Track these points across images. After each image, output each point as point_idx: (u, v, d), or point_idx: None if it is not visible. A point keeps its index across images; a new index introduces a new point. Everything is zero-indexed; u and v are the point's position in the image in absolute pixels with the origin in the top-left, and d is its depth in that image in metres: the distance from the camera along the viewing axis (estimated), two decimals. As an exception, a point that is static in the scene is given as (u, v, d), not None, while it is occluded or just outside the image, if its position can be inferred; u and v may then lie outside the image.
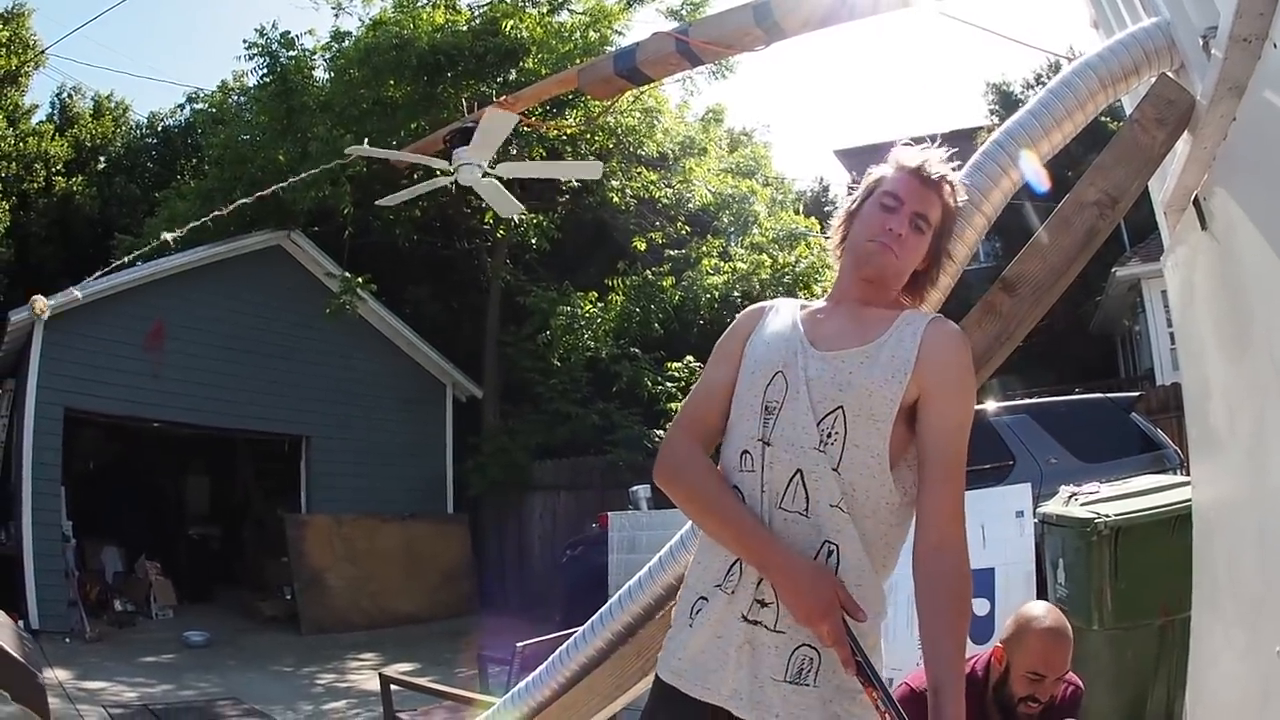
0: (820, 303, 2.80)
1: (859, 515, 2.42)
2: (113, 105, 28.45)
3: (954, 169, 2.78)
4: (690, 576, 2.67)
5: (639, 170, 18.77)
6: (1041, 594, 7.06)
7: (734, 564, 2.49)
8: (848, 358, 2.51)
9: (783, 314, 2.74)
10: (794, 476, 2.44)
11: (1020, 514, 8.30)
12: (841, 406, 2.44)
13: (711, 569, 2.55)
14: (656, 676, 2.67)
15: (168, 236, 8.83)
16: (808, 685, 2.39)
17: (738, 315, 2.90)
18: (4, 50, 22.18)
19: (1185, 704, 4.34)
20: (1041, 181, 3.13)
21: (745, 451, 2.54)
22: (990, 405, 10.62)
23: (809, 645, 2.40)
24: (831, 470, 2.41)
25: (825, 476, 2.41)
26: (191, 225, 10.58)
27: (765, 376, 2.56)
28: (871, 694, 2.30)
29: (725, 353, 2.77)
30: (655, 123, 18.87)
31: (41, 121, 26.04)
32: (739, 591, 2.47)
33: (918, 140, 2.75)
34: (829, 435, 2.43)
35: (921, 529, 2.46)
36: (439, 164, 9.25)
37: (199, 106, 26.00)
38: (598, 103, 16.70)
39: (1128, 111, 3.34)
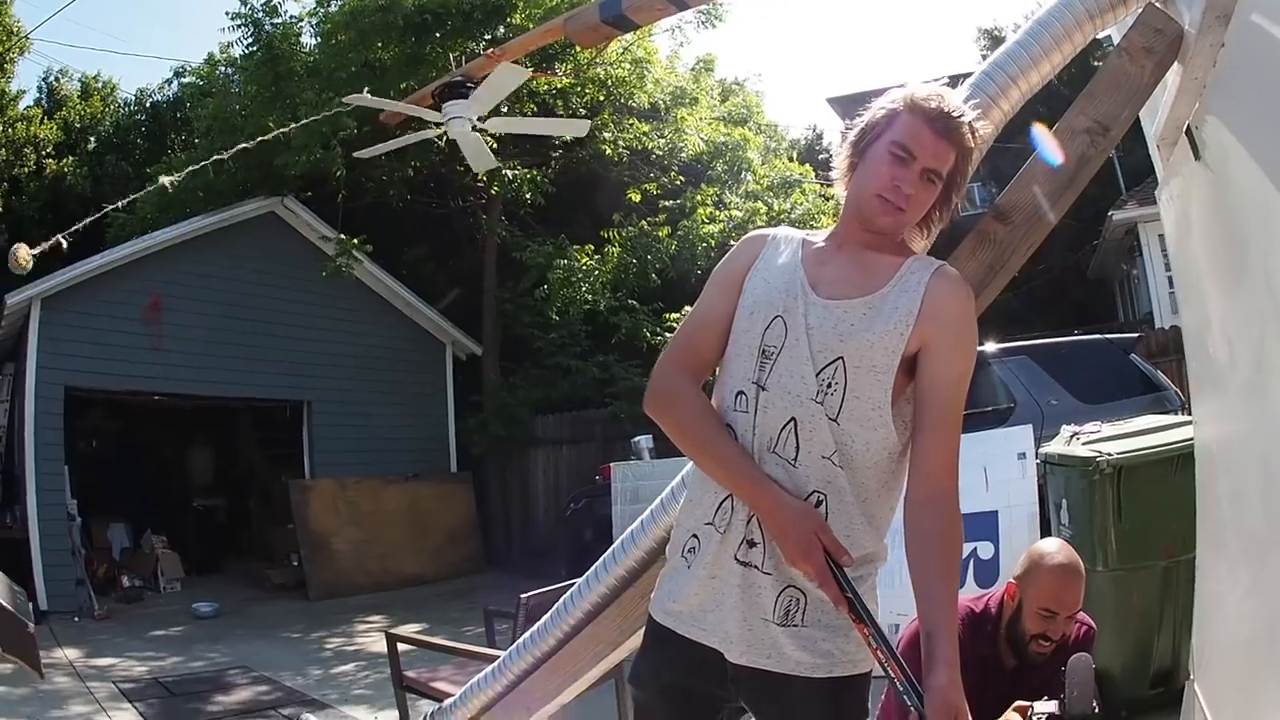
0: (822, 236, 2.75)
1: (858, 466, 2.44)
2: (100, 85, 28.37)
3: (973, 107, 2.69)
4: (682, 514, 2.70)
5: (631, 121, 18.65)
6: (1046, 536, 7.05)
7: (724, 500, 2.50)
8: (850, 308, 2.49)
9: (784, 250, 2.70)
10: (787, 424, 2.45)
11: (1022, 456, 8.30)
12: (842, 357, 2.44)
13: (703, 504, 2.58)
14: (650, 616, 2.70)
15: (165, 180, 8.75)
16: (795, 625, 2.42)
17: (738, 243, 2.86)
18: (-10, 37, 22.05)
19: (1192, 645, 4.31)
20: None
21: (740, 392, 2.54)
22: (990, 347, 10.58)
23: (794, 586, 2.43)
24: (829, 420, 2.42)
25: (819, 427, 2.43)
26: (191, 170, 10.44)
27: (764, 319, 2.54)
28: (863, 630, 2.32)
29: (723, 282, 2.75)
30: (645, 73, 18.72)
31: (29, 106, 26.02)
32: (730, 531, 2.49)
33: (927, 81, 2.67)
34: (828, 385, 2.43)
35: (914, 480, 2.46)
36: (432, 115, 9.24)
37: (186, 80, 25.87)
38: (586, 54, 16.63)
39: (1115, 44, 3.30)
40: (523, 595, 7.10)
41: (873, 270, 2.55)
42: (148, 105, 28.08)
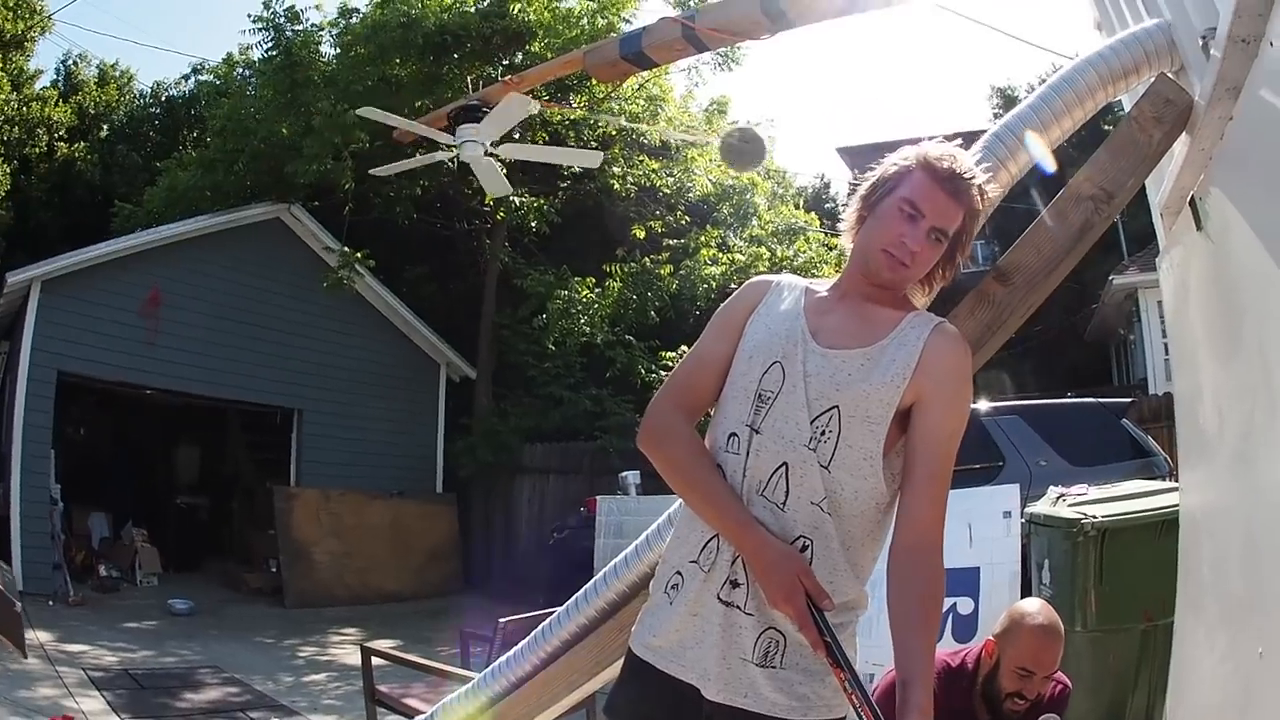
0: (826, 285, 2.76)
1: (845, 514, 2.45)
2: (117, 74, 28.55)
3: (984, 170, 2.73)
4: (668, 550, 2.69)
5: (641, 158, 18.74)
6: (1026, 595, 7.08)
7: (709, 540, 2.51)
8: (849, 358, 2.51)
9: (787, 297, 2.71)
10: (778, 469, 2.46)
11: (1008, 514, 8.31)
12: (838, 406, 2.45)
13: (689, 543, 2.58)
14: (630, 650, 2.69)
15: None
16: (774, 667, 2.43)
17: (742, 286, 2.86)
18: (10, 15, 22.12)
19: (1166, 708, 4.34)
20: (1048, 163, 3.13)
21: (733, 434, 2.55)
22: (982, 405, 10.62)
23: (775, 628, 2.43)
24: (820, 468, 2.43)
25: (810, 473, 2.44)
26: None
27: (762, 364, 2.55)
28: (839, 675, 2.32)
29: (724, 324, 2.75)
30: (659, 111, 18.83)
31: (45, 87, 26.11)
32: (714, 570, 2.49)
33: (938, 138, 2.71)
34: (822, 433, 2.44)
35: (901, 530, 2.47)
36: (444, 138, 9.29)
37: (203, 78, 26.13)
38: (602, 88, 16.73)
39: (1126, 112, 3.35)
40: (501, 620, 7.14)
41: (873, 322, 2.57)
42: (163, 99, 28.30)
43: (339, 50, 18.72)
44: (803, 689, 2.43)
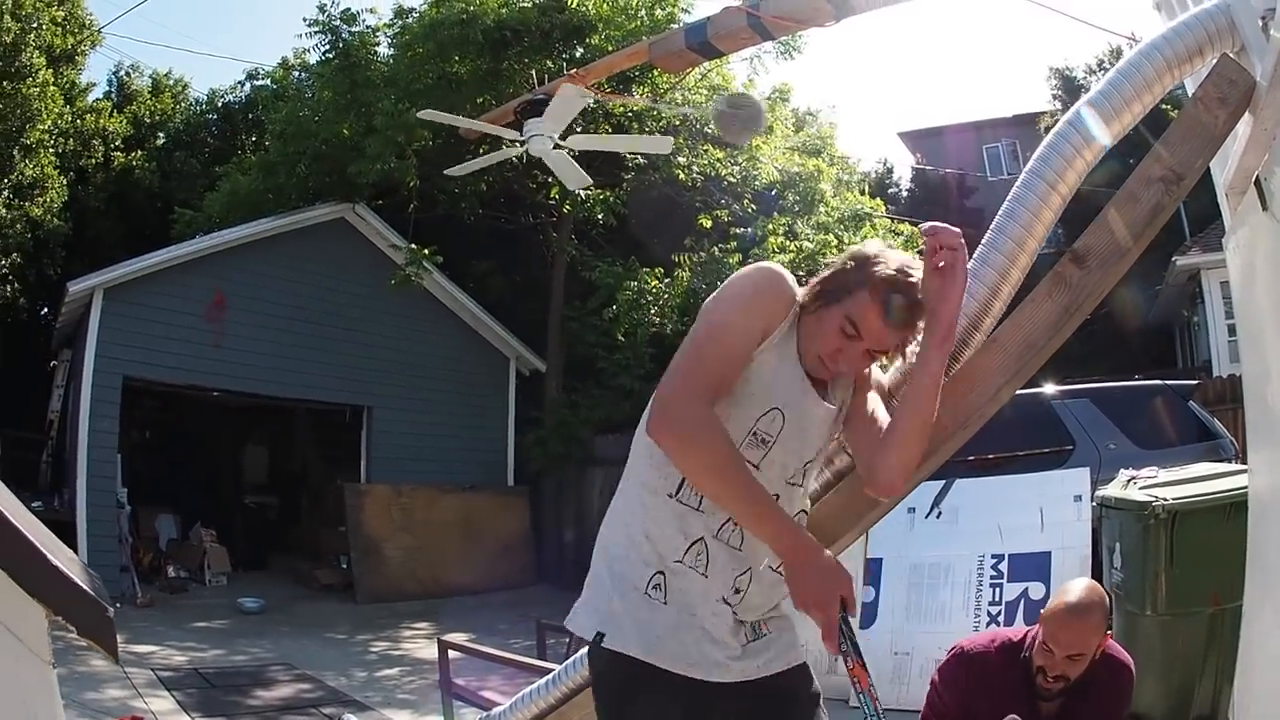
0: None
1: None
2: (171, 82, 29.02)
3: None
4: (637, 549, 2.69)
5: (705, 147, 18.71)
6: (1097, 579, 7.04)
7: (695, 542, 2.61)
8: (827, 415, 2.77)
9: (786, 324, 2.73)
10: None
11: (1078, 498, 8.29)
12: (820, 449, 2.80)
13: (670, 544, 2.63)
14: (620, 655, 2.63)
15: None
16: (765, 635, 2.72)
17: (781, 284, 2.73)
18: (60, 30, 22.45)
19: (1233, 694, 4.31)
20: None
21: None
22: (1051, 388, 10.55)
23: (760, 621, 2.74)
24: (802, 490, 2.77)
25: (794, 499, 2.75)
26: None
27: (761, 406, 2.65)
28: (851, 665, 2.47)
29: (752, 328, 2.67)
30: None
31: (99, 99, 26.56)
32: (714, 573, 2.62)
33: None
34: (807, 468, 2.76)
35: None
36: (510, 134, 9.33)
37: (260, 83, 26.44)
38: (665, 79, 16.72)
39: (1190, 94, 3.35)
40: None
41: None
42: (219, 105, 28.60)
43: (396, 50, 18.86)
44: (788, 636, 2.79)
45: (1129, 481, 6.57)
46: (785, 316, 2.71)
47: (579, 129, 13.19)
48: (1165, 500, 5.69)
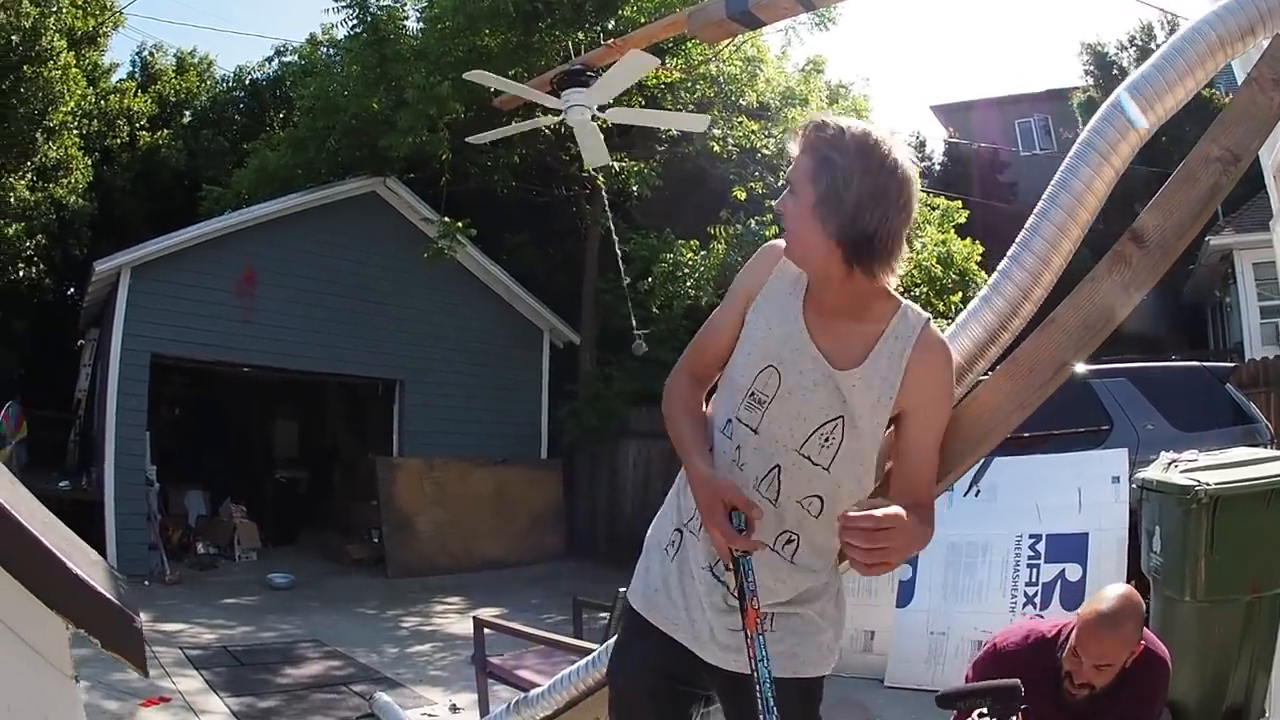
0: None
1: (840, 507, 2.52)
2: (195, 61, 29.12)
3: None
4: (671, 510, 2.93)
5: (740, 120, 18.59)
6: (1134, 562, 6.98)
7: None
8: (844, 377, 2.64)
9: (786, 286, 2.75)
10: (772, 469, 2.68)
11: (1116, 479, 8.24)
12: (842, 416, 2.64)
13: (686, 509, 2.82)
14: (628, 603, 2.96)
15: None
16: (767, 631, 2.61)
17: (755, 255, 2.89)
18: (80, 12, 22.46)
19: (1270, 683, 4.25)
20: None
21: (728, 420, 2.76)
22: (1087, 367, 10.46)
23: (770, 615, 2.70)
24: (822, 469, 2.66)
25: (799, 475, 2.66)
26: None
27: (757, 364, 2.72)
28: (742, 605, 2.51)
29: (733, 296, 2.88)
30: (757, 72, 18.73)
31: (122, 79, 26.68)
32: (704, 535, 2.70)
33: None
34: (826, 440, 2.65)
35: (902, 499, 2.54)
36: (551, 101, 9.30)
37: (287, 59, 26.47)
38: (700, 50, 16.60)
39: (1239, 77, 3.28)
40: (621, 589, 7.11)
41: (861, 337, 2.66)
42: (246, 82, 28.66)
43: (425, 24, 18.82)
44: (795, 648, 2.72)
45: (1170, 464, 6.49)
46: (767, 278, 2.78)
47: (609, 102, 13.09)
48: (1208, 485, 5.61)
